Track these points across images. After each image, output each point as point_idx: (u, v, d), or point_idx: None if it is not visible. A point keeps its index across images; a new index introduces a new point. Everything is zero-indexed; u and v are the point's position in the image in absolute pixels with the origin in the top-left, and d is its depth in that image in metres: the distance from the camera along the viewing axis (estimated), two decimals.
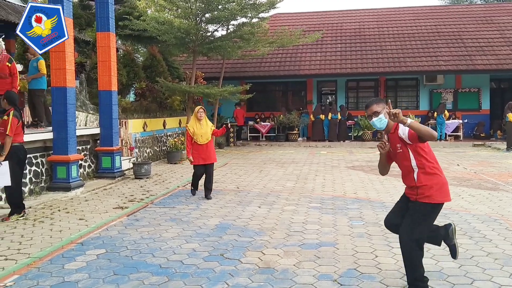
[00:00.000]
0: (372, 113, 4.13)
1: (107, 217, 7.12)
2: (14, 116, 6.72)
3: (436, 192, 3.97)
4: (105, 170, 10.87)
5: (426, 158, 3.98)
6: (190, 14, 14.84)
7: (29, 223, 6.70)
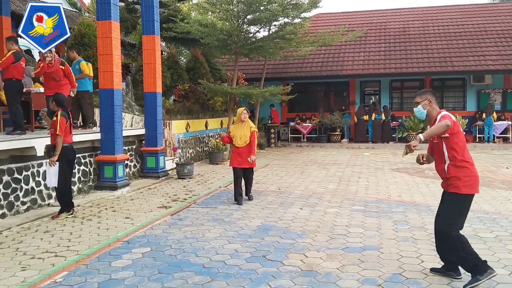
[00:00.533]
0: (414, 103, 4.62)
1: (152, 216, 7.27)
2: (62, 116, 6.97)
3: (464, 184, 4.29)
4: (149, 170, 11.11)
5: (457, 151, 4.31)
6: (232, 16, 14.94)
7: (78, 221, 6.92)
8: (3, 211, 7.08)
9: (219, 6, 15.19)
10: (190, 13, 19.81)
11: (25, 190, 7.56)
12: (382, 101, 21.56)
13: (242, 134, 8.28)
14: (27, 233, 6.25)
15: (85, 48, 12.95)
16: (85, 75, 10.10)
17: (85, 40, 13.20)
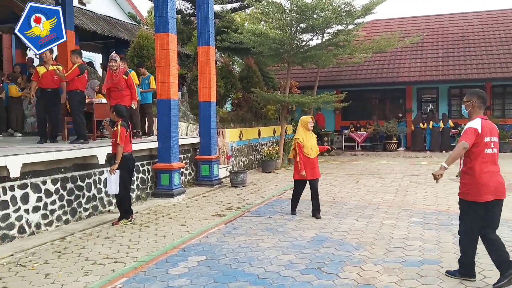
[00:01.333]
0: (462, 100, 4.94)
1: (207, 224, 7.37)
2: (122, 126, 7.23)
3: (469, 191, 4.62)
4: (204, 178, 11.29)
5: (470, 158, 4.61)
6: (285, 25, 14.99)
7: (136, 227, 7.13)
8: (66, 217, 7.41)
9: (271, 15, 15.28)
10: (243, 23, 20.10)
11: (87, 197, 7.89)
12: (440, 108, 20.84)
13: (312, 144, 7.88)
14: (89, 239, 6.50)
15: (144, 60, 13.39)
16: (152, 89, 10.52)
17: (144, 52, 13.65)
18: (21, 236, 6.55)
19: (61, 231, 6.93)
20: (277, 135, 17.02)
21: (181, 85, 14.02)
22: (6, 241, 6.31)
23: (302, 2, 14.31)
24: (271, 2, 14.80)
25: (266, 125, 16.93)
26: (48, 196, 7.11)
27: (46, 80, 8.84)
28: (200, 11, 11.29)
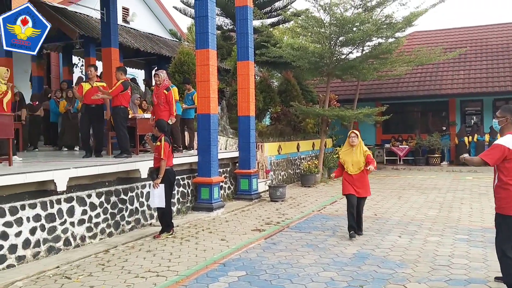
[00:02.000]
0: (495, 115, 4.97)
1: (246, 239, 7.36)
2: (165, 141, 7.38)
3: (506, 205, 4.62)
4: (243, 192, 11.32)
5: (504, 173, 4.65)
6: (324, 38, 14.96)
7: (177, 241, 7.20)
8: (110, 230, 7.58)
9: (310, 29, 15.30)
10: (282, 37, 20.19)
11: (130, 210, 8.05)
12: (485, 121, 20.17)
13: (354, 160, 7.41)
14: (132, 252, 6.61)
15: (184, 75, 13.66)
16: (195, 106, 10.71)
17: (184, 67, 13.94)
18: (67, 249, 6.74)
19: (105, 243, 7.09)
20: (317, 149, 16.91)
21: (221, 100, 14.18)
22: (52, 253, 6.51)
23: (341, 16, 14.28)
24: (310, 16, 14.83)
25: (305, 138, 16.85)
26: (93, 209, 7.30)
27: (90, 96, 9.11)
28: (240, 27, 11.44)
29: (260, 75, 18.33)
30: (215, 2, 9.93)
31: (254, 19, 12.73)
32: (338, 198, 11.50)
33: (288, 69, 17.83)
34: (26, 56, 15.48)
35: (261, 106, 15.32)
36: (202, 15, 9.53)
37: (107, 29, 12.81)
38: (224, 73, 17.46)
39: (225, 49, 17.90)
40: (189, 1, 18.43)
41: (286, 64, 17.11)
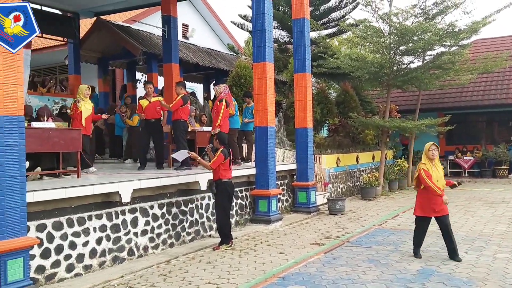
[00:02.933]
0: None
1: (305, 252, 7.27)
2: (222, 152, 7.49)
3: None
4: (301, 204, 11.22)
5: None
6: (384, 48, 14.66)
7: (236, 253, 7.23)
8: (171, 241, 7.74)
9: (369, 39, 15.05)
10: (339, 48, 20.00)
11: (190, 221, 8.19)
12: None
13: (438, 176, 6.71)
14: (192, 263, 6.70)
15: (242, 88, 13.83)
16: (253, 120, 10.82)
17: (242, 80, 14.11)
18: (130, 258, 6.94)
19: (166, 254, 7.24)
20: (377, 161, 16.51)
21: (277, 112, 14.21)
22: (117, 262, 6.72)
23: (402, 25, 13.95)
24: (369, 26, 14.59)
25: (364, 150, 16.51)
26: (155, 220, 7.49)
27: (149, 111, 9.62)
28: (297, 39, 11.44)
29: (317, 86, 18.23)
30: (272, 16, 10.02)
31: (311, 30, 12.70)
32: (400, 212, 11.15)
33: (346, 80, 17.61)
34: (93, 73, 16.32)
35: (319, 117, 15.19)
36: (260, 29, 9.63)
37: (168, 45, 13.25)
38: (281, 85, 17.51)
39: (281, 62, 17.97)
40: (247, 16, 18.71)
41: (344, 75, 16.91)
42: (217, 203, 7.63)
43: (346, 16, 18.89)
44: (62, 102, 13.64)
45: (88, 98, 8.99)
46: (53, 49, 16.57)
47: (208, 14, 22.32)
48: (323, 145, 14.24)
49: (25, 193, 5.19)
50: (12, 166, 5.02)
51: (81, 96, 8.87)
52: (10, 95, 5.09)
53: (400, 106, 19.18)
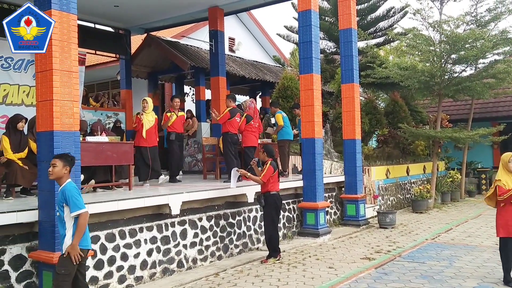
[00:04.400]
0: None
1: (355, 267, 7.11)
2: (271, 165, 7.47)
3: None
4: (350, 217, 11.02)
5: None
6: (434, 57, 14.26)
7: (284, 267, 7.17)
8: (219, 253, 7.78)
9: (419, 48, 14.70)
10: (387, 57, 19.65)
11: (238, 234, 8.21)
12: None
13: None
14: (240, 276, 6.70)
15: (288, 100, 13.82)
16: (280, 127, 10.81)
17: (288, 92, 14.11)
18: (180, 270, 7.02)
19: (215, 266, 7.28)
20: (428, 173, 15.99)
21: (324, 123, 14.09)
22: (167, 274, 6.82)
23: (453, 33, 13.55)
24: (418, 34, 14.26)
25: (414, 162, 16.05)
26: (204, 232, 7.56)
27: (177, 125, 10.00)
28: (344, 50, 11.34)
29: (365, 96, 17.95)
30: (318, 27, 9.98)
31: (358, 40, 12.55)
32: (454, 226, 10.73)
33: (395, 89, 17.25)
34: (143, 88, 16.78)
35: (367, 128, 14.94)
36: (306, 40, 9.61)
37: (215, 59, 13.45)
38: (327, 96, 17.36)
39: (328, 72, 17.83)
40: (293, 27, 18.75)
41: (393, 85, 16.56)
42: (265, 216, 7.61)
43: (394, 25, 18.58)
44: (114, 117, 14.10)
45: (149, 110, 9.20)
46: (106, 65, 17.16)
47: (254, 27, 22.53)
48: (372, 157, 13.97)
49: None
50: None
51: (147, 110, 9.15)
52: (66, 111, 5.31)
53: (451, 115, 18.55)
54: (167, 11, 13.38)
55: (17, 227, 5.35)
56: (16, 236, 5.34)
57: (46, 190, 5.17)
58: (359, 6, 17.65)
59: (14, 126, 7.21)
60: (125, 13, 13.28)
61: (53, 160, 4.54)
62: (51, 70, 5.25)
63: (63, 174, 4.51)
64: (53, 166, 4.49)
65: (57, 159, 4.53)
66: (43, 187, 5.25)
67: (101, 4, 12.26)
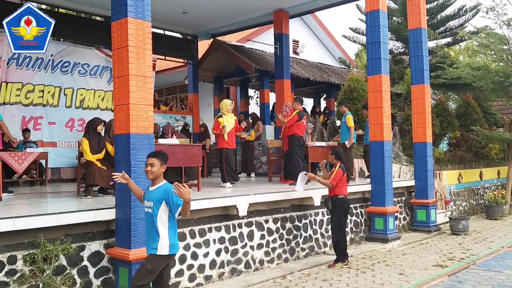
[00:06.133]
0: None
1: (427, 274, 6.86)
2: (340, 168, 7.37)
3: None
4: (420, 223, 10.65)
5: None
6: (509, 56, 13.48)
7: (352, 272, 7.04)
8: (286, 256, 7.78)
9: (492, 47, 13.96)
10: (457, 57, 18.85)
11: (304, 237, 8.17)
12: None
13: None
14: (308, 280, 6.66)
15: (354, 102, 13.59)
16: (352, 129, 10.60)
17: (354, 94, 13.90)
18: (247, 271, 7.09)
19: (281, 269, 7.29)
20: (503, 177, 15.13)
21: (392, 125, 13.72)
22: (235, 274, 6.91)
23: None
24: (491, 33, 13.55)
25: (488, 166, 15.24)
26: (270, 234, 7.59)
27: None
28: (414, 50, 11.00)
29: (435, 98, 17.30)
30: (387, 27, 9.75)
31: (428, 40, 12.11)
32: None
33: (466, 90, 16.48)
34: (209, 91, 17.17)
35: (438, 131, 14.37)
36: (374, 41, 9.41)
37: (280, 62, 13.50)
38: (395, 97, 16.90)
39: (396, 73, 17.34)
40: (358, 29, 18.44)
41: (464, 86, 15.84)
42: (333, 220, 7.51)
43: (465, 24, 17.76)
44: (182, 120, 14.54)
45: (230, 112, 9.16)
46: (174, 70, 17.74)
47: (318, 28, 22.39)
48: (443, 160, 13.44)
49: None
50: (144, 180, 5.39)
51: (224, 111, 9.09)
52: (142, 115, 5.53)
53: None
54: (233, 16, 13.61)
55: (96, 225, 5.62)
56: (94, 233, 5.62)
57: (123, 190, 5.39)
58: (428, 5, 17.03)
59: (93, 129, 7.59)
60: (193, 19, 13.66)
61: (149, 159, 4.38)
62: (128, 75, 5.47)
63: (161, 173, 4.40)
64: (151, 166, 4.33)
65: (154, 158, 4.37)
66: (120, 187, 5.48)
67: (170, 11, 12.69)
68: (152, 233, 4.35)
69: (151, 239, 4.38)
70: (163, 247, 4.29)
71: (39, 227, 5.02)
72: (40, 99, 11.50)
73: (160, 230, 4.31)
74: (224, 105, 9.20)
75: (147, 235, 4.47)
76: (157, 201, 4.31)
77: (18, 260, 4.94)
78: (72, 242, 5.26)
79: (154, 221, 4.32)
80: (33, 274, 4.92)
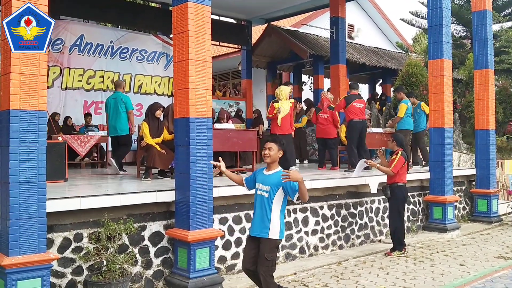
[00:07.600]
0: None
1: (489, 266, 6.60)
2: (402, 155, 7.17)
3: None
4: (480, 213, 10.25)
5: None
6: None
7: (410, 261, 6.89)
8: (340, 243, 7.71)
9: None
10: None
11: (359, 225, 8.06)
12: None
13: None
14: (364, 267, 6.57)
15: (412, 88, 13.17)
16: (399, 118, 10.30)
17: (412, 79, 13.46)
18: (302, 256, 7.09)
19: (336, 255, 7.23)
20: None
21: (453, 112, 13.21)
22: (289, 259, 6.93)
23: None
24: None
25: None
26: (325, 220, 7.54)
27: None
28: (477, 33, 10.49)
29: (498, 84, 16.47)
30: (449, 9, 9.34)
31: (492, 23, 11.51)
32: None
33: None
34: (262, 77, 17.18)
35: (501, 118, 13.71)
36: (436, 24, 9.03)
37: (335, 46, 13.27)
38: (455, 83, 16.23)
39: (457, 58, 16.63)
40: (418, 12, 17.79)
41: None
42: (391, 208, 7.35)
43: None
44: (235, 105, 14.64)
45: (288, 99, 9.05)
46: (228, 56, 17.83)
47: (374, 12, 21.81)
48: (506, 149, 12.83)
49: (211, 188, 5.64)
50: (202, 163, 5.49)
51: (282, 98, 8.97)
52: (201, 99, 5.59)
53: None
54: (288, 0, 13.46)
55: (156, 206, 5.78)
56: (155, 214, 5.78)
57: (183, 173, 5.50)
58: None
59: (153, 113, 7.78)
60: (247, 4, 13.65)
61: (268, 143, 4.51)
62: (187, 60, 5.53)
63: (277, 158, 4.49)
64: (269, 150, 4.45)
65: (272, 142, 4.49)
66: (180, 170, 5.60)
67: None
68: (264, 216, 4.39)
69: (261, 222, 4.40)
70: (275, 230, 4.35)
71: (103, 206, 5.22)
72: (101, 84, 11.91)
73: (274, 214, 4.36)
74: (284, 92, 8.97)
75: (257, 218, 4.48)
76: (274, 186, 4.37)
77: (84, 238, 5.17)
78: (134, 222, 5.43)
79: (269, 205, 4.36)
80: (97, 251, 5.13)
